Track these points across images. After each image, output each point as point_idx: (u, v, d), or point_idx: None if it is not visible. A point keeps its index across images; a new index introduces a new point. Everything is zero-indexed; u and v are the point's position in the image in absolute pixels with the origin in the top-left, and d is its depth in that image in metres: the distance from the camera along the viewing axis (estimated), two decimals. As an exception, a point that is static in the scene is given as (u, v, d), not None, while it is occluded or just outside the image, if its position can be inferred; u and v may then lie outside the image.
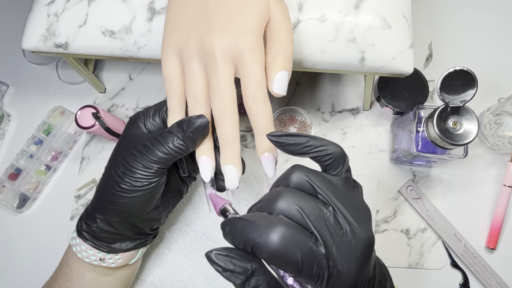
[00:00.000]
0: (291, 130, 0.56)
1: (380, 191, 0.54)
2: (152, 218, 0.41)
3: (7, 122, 0.59)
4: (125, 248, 0.41)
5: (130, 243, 0.42)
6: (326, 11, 0.41)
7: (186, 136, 0.35)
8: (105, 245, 0.40)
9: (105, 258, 0.41)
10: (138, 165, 0.36)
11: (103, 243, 0.40)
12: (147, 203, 0.38)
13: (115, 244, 0.41)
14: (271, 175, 0.36)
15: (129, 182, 0.36)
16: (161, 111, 0.39)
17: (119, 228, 0.39)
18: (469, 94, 0.41)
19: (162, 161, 0.36)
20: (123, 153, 0.37)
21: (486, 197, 0.54)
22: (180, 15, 0.36)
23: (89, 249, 0.40)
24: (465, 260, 0.51)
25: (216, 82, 0.34)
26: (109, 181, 0.38)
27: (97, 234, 0.39)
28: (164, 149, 0.35)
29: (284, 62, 0.34)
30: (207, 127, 0.36)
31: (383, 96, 0.53)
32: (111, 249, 0.40)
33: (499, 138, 0.53)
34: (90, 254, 0.40)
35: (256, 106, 0.33)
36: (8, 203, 0.55)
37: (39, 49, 0.45)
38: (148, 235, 0.43)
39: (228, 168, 0.35)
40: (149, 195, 0.37)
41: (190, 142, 0.36)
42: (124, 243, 0.41)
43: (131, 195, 0.37)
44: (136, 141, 0.37)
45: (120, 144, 0.39)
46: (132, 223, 0.40)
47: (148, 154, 0.36)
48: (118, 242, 0.41)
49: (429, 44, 0.60)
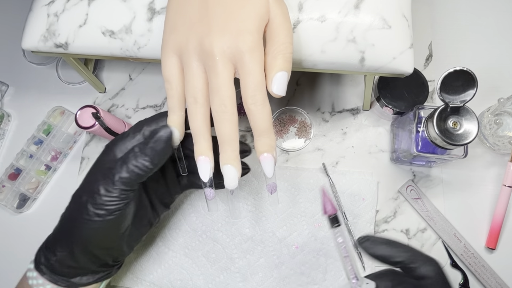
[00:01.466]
0: (291, 130, 0.56)
1: (380, 191, 0.54)
2: (117, 249, 0.40)
3: (7, 122, 0.59)
4: (86, 282, 0.40)
5: (92, 277, 0.40)
6: (326, 11, 0.41)
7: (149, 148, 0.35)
8: (63, 279, 0.38)
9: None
10: (101, 189, 0.35)
11: (62, 277, 0.38)
12: (112, 233, 0.37)
13: (74, 279, 0.39)
14: (270, 175, 0.36)
15: (92, 209, 0.35)
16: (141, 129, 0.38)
17: (81, 261, 0.38)
18: (469, 94, 0.41)
19: (126, 181, 0.35)
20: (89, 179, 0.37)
21: (486, 197, 0.54)
22: (179, 15, 0.36)
23: (46, 284, 0.38)
24: (465, 260, 0.51)
25: (215, 83, 0.34)
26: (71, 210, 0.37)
27: (55, 268, 0.38)
28: (127, 168, 0.35)
29: (283, 62, 0.34)
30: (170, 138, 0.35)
31: (383, 96, 0.53)
32: (70, 284, 0.39)
33: (499, 138, 0.53)
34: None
35: (255, 106, 0.33)
36: (8, 203, 0.55)
37: (39, 49, 0.45)
38: (111, 266, 0.42)
39: (227, 168, 0.35)
40: (113, 223, 0.36)
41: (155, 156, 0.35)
42: (85, 276, 0.40)
43: (98, 219, 0.36)
44: (101, 166, 0.37)
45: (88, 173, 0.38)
46: (95, 255, 0.38)
47: (111, 176, 0.35)
48: (79, 276, 0.39)
49: (429, 44, 0.60)
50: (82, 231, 0.36)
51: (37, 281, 0.38)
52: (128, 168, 0.35)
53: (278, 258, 0.51)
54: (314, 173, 0.54)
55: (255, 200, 0.53)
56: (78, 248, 0.37)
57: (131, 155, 0.35)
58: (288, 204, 0.53)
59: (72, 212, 0.37)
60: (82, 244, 0.37)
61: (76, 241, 0.37)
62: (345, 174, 0.54)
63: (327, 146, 0.56)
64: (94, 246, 0.37)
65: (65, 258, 0.37)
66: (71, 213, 0.37)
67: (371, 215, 0.52)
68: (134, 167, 0.35)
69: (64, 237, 0.37)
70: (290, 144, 0.56)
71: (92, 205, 0.35)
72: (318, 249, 0.51)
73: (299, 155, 0.56)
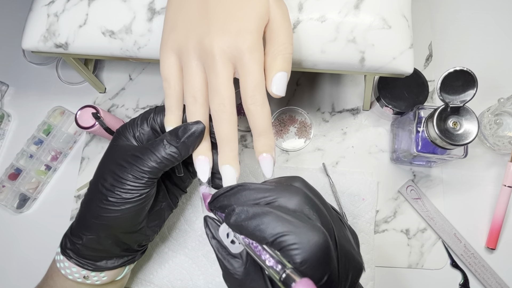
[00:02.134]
0: (291, 130, 0.56)
1: (380, 191, 0.54)
2: (141, 233, 0.40)
3: (7, 122, 0.59)
4: (111, 266, 0.40)
5: (117, 261, 0.41)
6: (326, 11, 0.41)
7: (181, 142, 0.35)
8: (89, 263, 0.39)
9: (89, 276, 0.40)
10: (127, 176, 0.35)
11: (88, 261, 0.39)
12: (136, 217, 0.38)
13: (100, 262, 0.40)
14: (269, 175, 0.35)
15: (118, 194, 0.36)
16: (148, 119, 0.38)
17: (105, 245, 0.38)
18: (469, 94, 0.41)
19: (153, 170, 0.35)
20: (110, 166, 0.37)
21: (486, 197, 0.54)
22: (179, 14, 0.36)
23: (72, 267, 0.39)
24: (465, 260, 0.51)
25: (215, 82, 0.34)
26: (95, 195, 0.37)
27: (81, 252, 0.39)
28: (156, 158, 0.35)
29: (283, 63, 0.34)
30: (203, 132, 0.35)
31: (383, 96, 0.53)
32: (96, 267, 0.39)
33: (499, 138, 0.53)
34: (74, 272, 0.39)
35: (254, 106, 0.33)
36: (8, 203, 0.55)
37: (39, 49, 0.45)
38: (136, 251, 0.42)
39: (226, 168, 0.35)
40: (138, 207, 0.37)
41: (184, 149, 0.35)
42: (110, 260, 0.40)
43: (119, 207, 0.36)
44: (124, 153, 0.37)
45: (106, 157, 0.38)
46: (120, 240, 0.39)
47: (138, 164, 0.35)
48: (104, 260, 0.40)
49: (429, 44, 0.60)
50: (108, 213, 0.36)
51: (64, 264, 0.39)
52: (158, 158, 0.35)
53: (278, 258, 0.51)
54: (314, 173, 0.54)
55: (255, 200, 0.53)
56: (103, 232, 0.37)
57: (161, 146, 0.35)
58: (288, 204, 0.53)
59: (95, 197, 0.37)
60: (108, 227, 0.37)
61: (102, 224, 0.37)
62: (345, 174, 0.54)
63: (327, 146, 0.56)
64: (119, 230, 0.38)
65: (91, 241, 0.38)
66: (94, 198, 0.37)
67: (371, 215, 0.52)
68: (163, 158, 0.35)
69: (89, 222, 0.38)
70: (290, 144, 0.56)
71: (119, 189, 0.36)
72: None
73: (299, 155, 0.56)
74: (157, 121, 0.38)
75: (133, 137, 0.38)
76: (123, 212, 0.36)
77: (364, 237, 0.52)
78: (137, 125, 0.38)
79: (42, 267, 0.43)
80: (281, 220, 0.27)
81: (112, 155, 0.38)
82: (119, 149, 0.37)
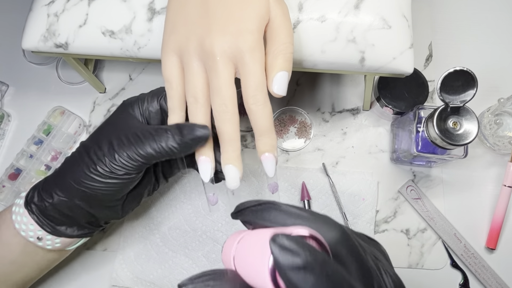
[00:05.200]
0: (291, 130, 0.56)
1: (380, 191, 0.54)
2: (114, 211, 0.39)
3: (7, 122, 0.59)
4: (69, 234, 0.39)
5: (77, 230, 0.39)
6: (326, 11, 0.41)
7: (184, 141, 0.35)
8: (50, 225, 0.38)
9: (43, 238, 0.38)
10: (122, 154, 0.35)
11: (49, 222, 0.38)
12: (116, 193, 0.37)
13: (60, 227, 0.38)
14: (271, 175, 0.36)
15: (108, 167, 0.35)
16: (159, 97, 0.38)
17: (75, 212, 0.37)
18: (469, 94, 0.41)
19: (149, 157, 0.35)
20: (109, 136, 0.36)
21: (486, 197, 0.54)
22: (180, 15, 0.36)
23: (30, 224, 0.37)
24: (465, 260, 0.51)
25: (216, 83, 0.34)
26: (84, 159, 0.36)
27: (47, 211, 0.37)
28: (156, 146, 0.35)
29: (284, 62, 0.34)
30: (207, 138, 0.35)
31: (383, 96, 0.53)
32: (55, 231, 0.38)
33: (499, 138, 0.53)
34: (29, 229, 0.37)
35: (256, 106, 0.33)
36: (8, 203, 0.55)
37: (39, 49, 0.45)
38: (99, 226, 0.41)
39: (228, 168, 0.35)
40: (121, 185, 0.36)
41: (185, 148, 0.35)
42: (71, 228, 0.39)
43: (105, 180, 0.35)
44: (127, 128, 0.36)
45: (108, 124, 0.37)
46: (90, 211, 0.38)
47: (138, 146, 0.35)
48: (65, 226, 0.38)
49: (429, 44, 0.60)
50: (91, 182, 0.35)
51: (22, 218, 0.37)
52: (157, 147, 0.35)
53: (278, 258, 0.51)
54: (314, 173, 0.54)
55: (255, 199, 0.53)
56: (79, 198, 0.36)
57: (164, 136, 0.35)
58: (288, 204, 0.53)
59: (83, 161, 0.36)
60: (86, 195, 0.36)
61: (81, 191, 0.36)
62: (345, 174, 0.54)
63: (327, 146, 0.56)
64: (96, 201, 0.37)
65: (62, 204, 0.37)
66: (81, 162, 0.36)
67: (371, 215, 0.52)
68: (162, 149, 0.35)
69: (68, 183, 0.36)
70: (290, 144, 0.56)
71: (110, 162, 0.35)
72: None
73: (299, 155, 0.56)
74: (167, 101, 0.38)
75: (139, 112, 0.38)
76: (106, 185, 0.36)
77: (364, 237, 0.52)
78: (147, 101, 0.38)
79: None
80: None
81: (115, 126, 0.37)
82: (124, 122, 0.37)
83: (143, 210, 0.53)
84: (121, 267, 0.51)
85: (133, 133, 0.36)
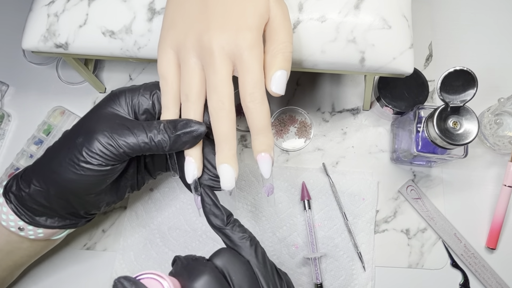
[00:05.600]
0: (291, 130, 0.56)
1: (380, 191, 0.54)
2: (93, 202, 0.38)
3: (7, 122, 0.59)
4: (50, 225, 0.38)
5: (58, 221, 0.38)
6: (326, 11, 0.41)
7: (176, 135, 0.34)
8: (28, 215, 0.37)
9: (25, 228, 0.37)
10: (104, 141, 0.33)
11: (28, 212, 0.37)
12: (94, 185, 0.36)
13: (40, 217, 0.37)
14: (267, 176, 0.35)
15: (86, 156, 0.34)
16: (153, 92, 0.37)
17: (53, 202, 0.36)
18: (469, 94, 0.41)
19: (134, 147, 0.34)
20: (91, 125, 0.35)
21: (486, 197, 0.54)
22: (178, 11, 0.36)
23: (9, 214, 0.37)
24: (465, 260, 0.51)
25: (213, 80, 0.33)
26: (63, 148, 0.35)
27: (24, 201, 0.36)
28: (144, 137, 0.34)
29: (283, 61, 0.34)
30: (202, 135, 0.34)
31: (383, 96, 0.53)
32: (33, 222, 0.37)
33: (499, 138, 0.53)
34: (9, 220, 0.37)
35: (253, 104, 0.33)
36: (8, 203, 0.55)
37: (39, 49, 0.45)
38: (81, 217, 0.40)
39: (223, 168, 0.34)
40: (100, 178, 0.35)
41: (175, 143, 0.34)
42: (51, 219, 0.38)
43: (81, 171, 0.34)
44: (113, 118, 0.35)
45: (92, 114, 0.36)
46: (69, 202, 0.37)
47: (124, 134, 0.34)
48: (45, 216, 0.38)
49: (429, 44, 0.60)
50: (66, 172, 0.34)
51: (1, 207, 0.37)
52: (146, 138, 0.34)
53: (278, 258, 0.51)
54: (314, 173, 0.54)
55: (255, 200, 0.53)
56: (54, 188, 0.35)
57: (154, 127, 0.34)
58: (288, 204, 0.53)
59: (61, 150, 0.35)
60: (61, 185, 0.35)
61: (56, 180, 0.35)
62: (345, 174, 0.54)
63: (327, 146, 0.56)
64: (72, 192, 0.36)
65: (39, 194, 0.36)
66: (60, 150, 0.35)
67: (371, 215, 0.52)
68: (151, 140, 0.34)
69: (44, 172, 0.36)
70: (290, 144, 0.56)
71: (88, 151, 0.34)
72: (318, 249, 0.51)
73: (299, 155, 0.56)
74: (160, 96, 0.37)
75: (128, 104, 0.36)
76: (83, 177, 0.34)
77: (364, 237, 0.52)
78: (139, 93, 0.37)
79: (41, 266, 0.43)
80: None
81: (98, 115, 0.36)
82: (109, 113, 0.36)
83: (143, 210, 0.53)
84: (121, 267, 0.51)
85: (119, 123, 0.34)
